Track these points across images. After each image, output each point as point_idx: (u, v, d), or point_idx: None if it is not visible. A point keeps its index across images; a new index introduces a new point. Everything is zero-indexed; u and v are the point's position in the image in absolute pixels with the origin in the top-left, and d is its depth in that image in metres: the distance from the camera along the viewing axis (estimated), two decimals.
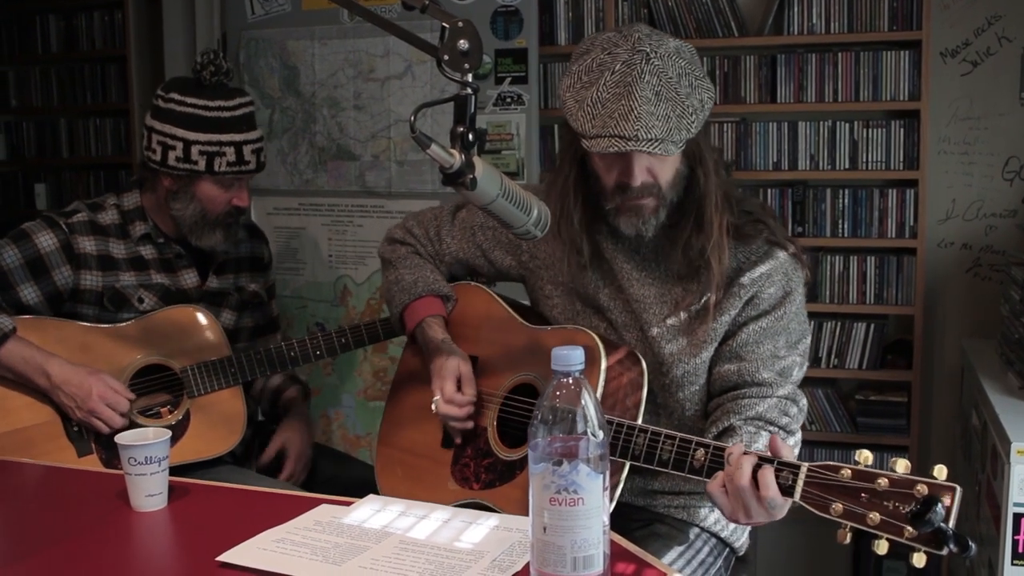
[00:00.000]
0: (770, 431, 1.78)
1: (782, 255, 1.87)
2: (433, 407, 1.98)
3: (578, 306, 2.00)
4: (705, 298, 1.86)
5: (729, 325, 1.87)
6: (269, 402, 2.70)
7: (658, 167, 1.79)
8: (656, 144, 1.69)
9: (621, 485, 1.79)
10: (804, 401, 1.88)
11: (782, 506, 1.52)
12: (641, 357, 1.87)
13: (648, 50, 1.71)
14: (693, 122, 1.72)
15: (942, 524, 1.33)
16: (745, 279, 1.85)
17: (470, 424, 1.99)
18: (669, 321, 1.89)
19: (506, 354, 2.04)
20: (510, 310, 2.10)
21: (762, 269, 1.86)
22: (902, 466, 1.39)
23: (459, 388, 1.98)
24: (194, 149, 2.33)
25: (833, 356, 3.54)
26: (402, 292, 2.14)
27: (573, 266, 1.96)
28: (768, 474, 1.50)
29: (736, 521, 1.57)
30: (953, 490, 1.34)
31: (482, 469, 1.97)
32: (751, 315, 1.86)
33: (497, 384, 2.02)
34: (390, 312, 2.22)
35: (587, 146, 1.74)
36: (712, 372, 1.91)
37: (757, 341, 1.85)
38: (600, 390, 1.80)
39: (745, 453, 1.54)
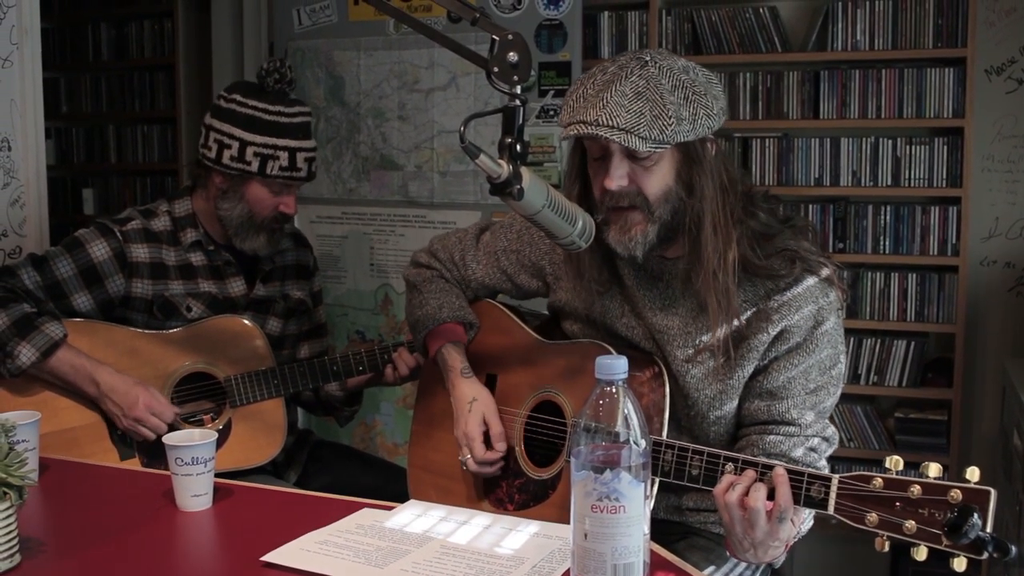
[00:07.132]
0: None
1: (811, 280, 1.81)
2: (463, 466, 2.00)
3: (599, 332, 1.98)
4: (715, 336, 1.81)
5: (760, 357, 1.83)
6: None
7: (641, 175, 1.74)
8: (618, 133, 1.66)
9: (652, 502, 1.78)
10: (832, 431, 1.84)
11: (766, 528, 1.56)
12: (664, 376, 1.86)
13: (649, 59, 1.71)
14: (670, 126, 1.66)
15: (980, 533, 1.32)
16: (772, 304, 1.80)
17: (499, 472, 2.01)
18: (691, 350, 1.86)
19: (525, 372, 2.04)
20: (525, 327, 2.09)
21: (790, 295, 1.80)
22: (934, 470, 1.39)
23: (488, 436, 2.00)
24: (249, 150, 2.36)
25: (873, 373, 3.52)
26: (426, 318, 2.13)
27: (588, 291, 1.94)
28: (759, 488, 1.55)
29: (731, 532, 1.61)
30: (987, 494, 1.34)
31: (515, 490, 1.98)
32: (782, 350, 1.82)
33: (519, 402, 2.02)
34: (413, 337, 2.22)
35: (561, 136, 1.74)
36: (742, 405, 1.87)
37: (789, 377, 1.81)
38: None
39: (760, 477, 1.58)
